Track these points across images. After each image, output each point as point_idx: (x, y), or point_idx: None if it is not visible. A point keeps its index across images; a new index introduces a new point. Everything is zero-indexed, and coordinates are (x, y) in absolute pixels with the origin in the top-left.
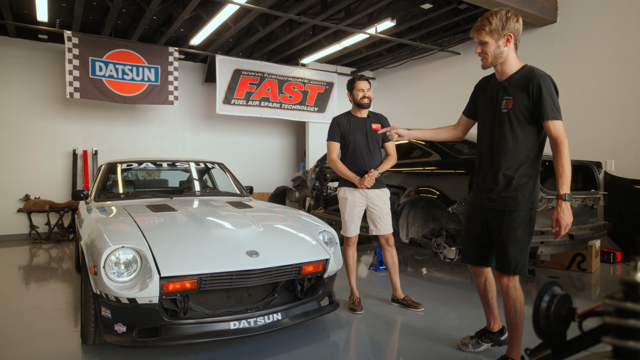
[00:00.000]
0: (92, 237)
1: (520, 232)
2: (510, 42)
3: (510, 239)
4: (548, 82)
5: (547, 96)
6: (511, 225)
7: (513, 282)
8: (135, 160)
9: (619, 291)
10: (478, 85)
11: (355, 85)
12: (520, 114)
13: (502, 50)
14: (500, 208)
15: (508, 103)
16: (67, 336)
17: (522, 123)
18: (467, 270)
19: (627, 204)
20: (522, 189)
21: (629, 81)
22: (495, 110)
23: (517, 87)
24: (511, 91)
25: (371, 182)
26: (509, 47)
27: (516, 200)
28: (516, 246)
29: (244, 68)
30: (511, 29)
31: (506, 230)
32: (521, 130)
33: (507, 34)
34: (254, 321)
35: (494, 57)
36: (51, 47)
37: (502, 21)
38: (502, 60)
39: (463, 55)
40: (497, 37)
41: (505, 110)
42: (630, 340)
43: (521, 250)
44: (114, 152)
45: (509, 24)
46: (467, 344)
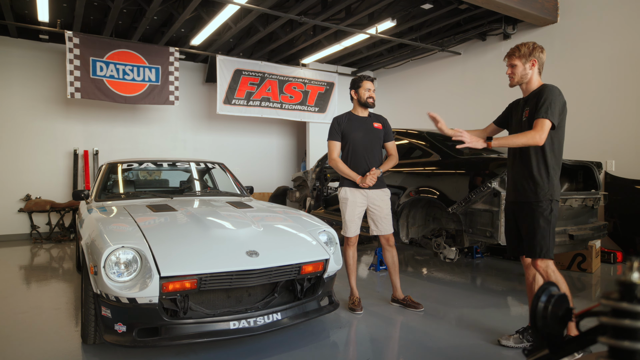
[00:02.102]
0: (92, 237)
1: (542, 220)
2: (535, 66)
3: (534, 226)
4: (553, 91)
5: (545, 101)
6: (534, 215)
7: (549, 266)
8: (135, 161)
9: (615, 291)
10: (512, 104)
11: (362, 85)
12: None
13: (527, 72)
14: (523, 200)
15: (526, 112)
16: (67, 336)
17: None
18: (468, 271)
19: (628, 204)
20: (542, 183)
21: (629, 81)
22: (519, 121)
23: (533, 99)
24: (529, 103)
25: (373, 180)
26: (533, 70)
27: (536, 193)
28: (540, 232)
29: (245, 68)
30: (536, 56)
31: (530, 220)
32: None
33: (533, 59)
34: (254, 321)
35: (520, 77)
36: (52, 47)
37: (530, 49)
38: (526, 81)
39: (463, 56)
40: (524, 61)
41: (525, 119)
42: (626, 340)
43: (544, 235)
44: (114, 152)
45: (534, 52)
46: (509, 339)
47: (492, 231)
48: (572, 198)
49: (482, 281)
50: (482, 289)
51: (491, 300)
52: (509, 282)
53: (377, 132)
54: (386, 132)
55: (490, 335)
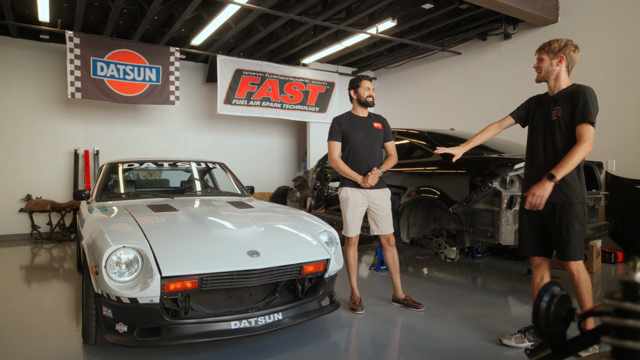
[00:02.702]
0: (93, 237)
1: (577, 223)
2: (562, 63)
3: (569, 230)
4: (590, 93)
5: (583, 104)
6: (569, 217)
7: (581, 266)
8: (136, 160)
9: (618, 291)
10: (531, 99)
11: (361, 84)
12: (567, 120)
13: (554, 68)
14: (557, 202)
15: (557, 112)
16: (68, 336)
17: (568, 128)
18: (468, 271)
19: (629, 204)
20: (574, 185)
21: (630, 81)
22: (547, 119)
23: (565, 99)
24: (560, 102)
25: (375, 180)
26: (560, 67)
27: (570, 195)
28: (575, 235)
29: (245, 68)
30: (565, 54)
31: (565, 223)
32: (568, 135)
33: (561, 56)
34: (255, 321)
35: (546, 73)
36: (53, 47)
37: (560, 46)
38: (554, 77)
39: (464, 55)
40: (552, 56)
41: (555, 118)
42: (630, 340)
43: (578, 238)
44: (115, 152)
45: (565, 49)
46: (511, 338)
47: (492, 231)
48: None
49: (483, 281)
50: (482, 288)
51: (492, 300)
52: (509, 282)
53: (377, 132)
54: (386, 132)
55: (491, 335)
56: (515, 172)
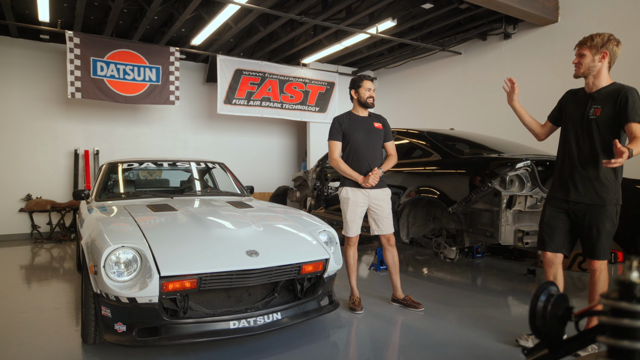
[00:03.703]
0: (92, 236)
1: (608, 224)
2: (605, 59)
3: (601, 230)
4: (635, 93)
5: (632, 103)
6: (601, 218)
7: (605, 265)
8: (136, 160)
9: (615, 291)
10: (565, 96)
11: (362, 85)
12: (606, 120)
13: (596, 64)
14: (589, 202)
15: (596, 111)
16: (67, 335)
17: (607, 128)
18: (468, 270)
19: (629, 204)
20: (609, 186)
21: (630, 81)
22: (583, 116)
23: (607, 98)
24: (600, 101)
25: (375, 180)
26: (602, 64)
27: (603, 196)
28: (605, 235)
29: (245, 68)
30: (609, 49)
31: (596, 223)
32: (607, 134)
33: (604, 51)
34: (254, 321)
35: (587, 69)
36: (53, 47)
37: (603, 40)
38: (594, 73)
39: (464, 55)
40: (594, 52)
41: (594, 117)
42: (625, 339)
43: (608, 238)
44: (115, 152)
45: (608, 45)
46: (527, 339)
47: (492, 231)
48: None
49: (483, 281)
50: (482, 288)
51: (492, 300)
52: (509, 282)
53: (377, 132)
54: (386, 132)
55: (491, 335)
56: (515, 172)
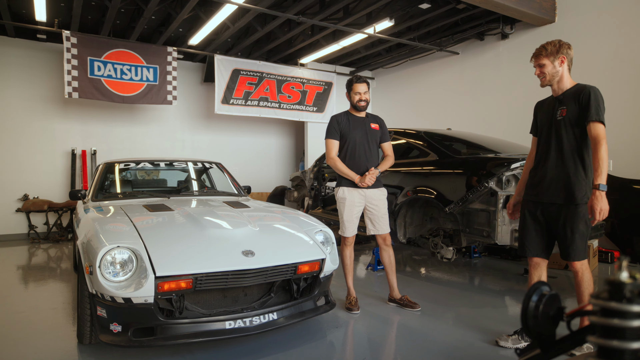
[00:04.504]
0: (88, 236)
1: (582, 224)
2: (564, 63)
3: (575, 230)
4: (597, 92)
5: (593, 103)
6: (574, 218)
7: (585, 265)
8: (132, 160)
9: (605, 291)
10: (537, 106)
11: (352, 88)
12: (572, 119)
13: (558, 69)
14: (562, 202)
15: (562, 112)
16: (63, 336)
17: (575, 127)
18: (465, 270)
19: (626, 204)
20: (580, 184)
21: (627, 81)
22: (552, 119)
23: (571, 99)
24: (565, 102)
25: (372, 180)
26: (563, 67)
27: (575, 195)
28: (579, 235)
29: (243, 68)
30: (564, 53)
31: (570, 223)
32: (574, 134)
33: (561, 56)
34: (250, 321)
35: (551, 76)
36: (50, 47)
37: (557, 47)
38: (558, 79)
39: (461, 55)
40: (552, 59)
41: (561, 118)
42: (615, 339)
43: (582, 239)
44: (112, 152)
45: (562, 49)
46: (507, 339)
47: (489, 231)
48: None
49: (480, 281)
50: (479, 288)
51: (489, 300)
52: (506, 281)
53: (374, 133)
54: (383, 133)
55: (488, 335)
56: (511, 172)
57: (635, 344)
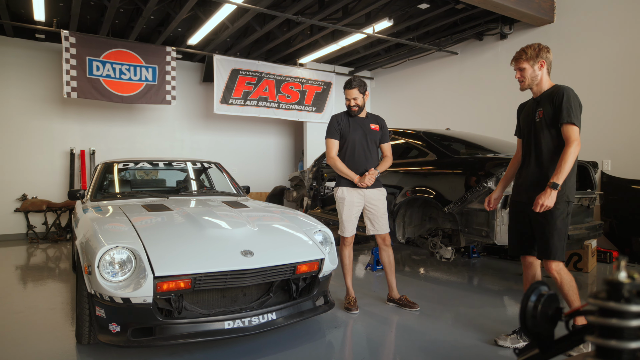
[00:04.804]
0: (87, 236)
1: (559, 222)
2: (544, 67)
3: (551, 228)
4: (570, 93)
5: (565, 104)
6: (552, 216)
7: (562, 268)
8: (131, 160)
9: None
10: (519, 108)
11: (345, 93)
12: (549, 121)
13: (537, 74)
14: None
15: (540, 113)
16: (62, 336)
17: (551, 128)
18: (464, 270)
19: (624, 204)
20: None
21: (626, 81)
22: (531, 121)
23: (546, 100)
24: (542, 104)
25: (372, 180)
26: (542, 71)
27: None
28: (556, 234)
29: (242, 68)
30: (543, 57)
31: (546, 221)
32: (550, 135)
33: (541, 60)
34: (249, 321)
35: (531, 80)
36: (48, 46)
37: (536, 51)
38: (537, 82)
39: (460, 55)
40: (532, 63)
41: (538, 119)
42: (613, 339)
43: (560, 237)
44: (111, 151)
45: (541, 53)
46: (506, 339)
47: (487, 231)
48: None
49: (479, 281)
50: (478, 288)
51: (488, 299)
52: (505, 281)
53: (374, 134)
54: (383, 134)
55: (487, 334)
56: None
57: (634, 344)
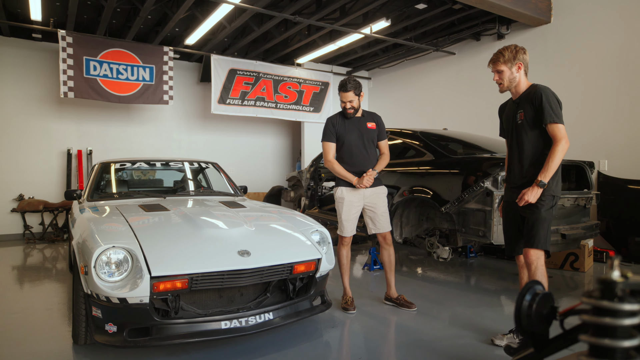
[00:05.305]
0: (83, 236)
1: (544, 212)
2: (521, 69)
3: (537, 217)
4: (547, 92)
5: (546, 105)
6: (536, 207)
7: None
8: (128, 160)
9: (597, 290)
10: (499, 109)
11: (339, 96)
12: (531, 122)
13: (515, 75)
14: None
15: (521, 115)
16: (58, 336)
17: (533, 129)
18: (461, 270)
19: (620, 204)
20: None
21: (622, 81)
22: (513, 123)
23: (525, 101)
24: (522, 106)
25: (370, 181)
26: (520, 73)
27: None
28: (539, 221)
29: (239, 68)
30: (520, 59)
31: (532, 212)
32: (534, 135)
33: (518, 62)
34: (246, 321)
35: (509, 82)
36: (45, 46)
37: (513, 53)
38: (515, 84)
39: (458, 56)
40: (510, 65)
41: (520, 121)
42: (607, 338)
43: (543, 226)
44: (109, 152)
45: (518, 55)
46: (503, 338)
47: (484, 230)
48: (564, 197)
49: (476, 280)
50: (475, 288)
51: (485, 299)
52: (502, 281)
53: (371, 133)
54: (380, 131)
55: (484, 334)
56: None
57: (627, 342)
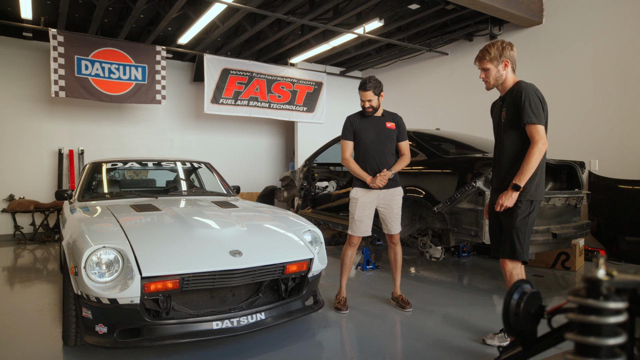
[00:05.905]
0: (74, 237)
1: (519, 220)
2: (508, 66)
3: (512, 227)
4: (529, 91)
5: (526, 104)
6: (513, 214)
7: (514, 267)
8: (120, 160)
9: (582, 288)
10: (491, 107)
11: (359, 94)
12: (513, 121)
13: (502, 73)
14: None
15: (504, 114)
16: (48, 338)
17: (514, 129)
18: (454, 269)
19: (611, 204)
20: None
21: (613, 82)
22: (498, 122)
23: (509, 99)
24: (505, 104)
25: (383, 182)
26: (507, 70)
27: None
28: (514, 232)
29: (233, 67)
30: (507, 56)
31: (507, 219)
32: (514, 135)
33: (504, 60)
34: (237, 321)
35: (495, 80)
36: (36, 45)
37: (500, 50)
38: (501, 82)
39: (451, 56)
40: (496, 63)
41: (504, 120)
42: (592, 336)
43: (518, 237)
44: (100, 151)
45: (504, 52)
46: (494, 338)
47: (476, 230)
48: (555, 197)
49: (469, 280)
50: (468, 287)
51: (477, 298)
52: (494, 280)
53: (389, 132)
54: (400, 132)
55: (476, 333)
56: None
57: (612, 340)
